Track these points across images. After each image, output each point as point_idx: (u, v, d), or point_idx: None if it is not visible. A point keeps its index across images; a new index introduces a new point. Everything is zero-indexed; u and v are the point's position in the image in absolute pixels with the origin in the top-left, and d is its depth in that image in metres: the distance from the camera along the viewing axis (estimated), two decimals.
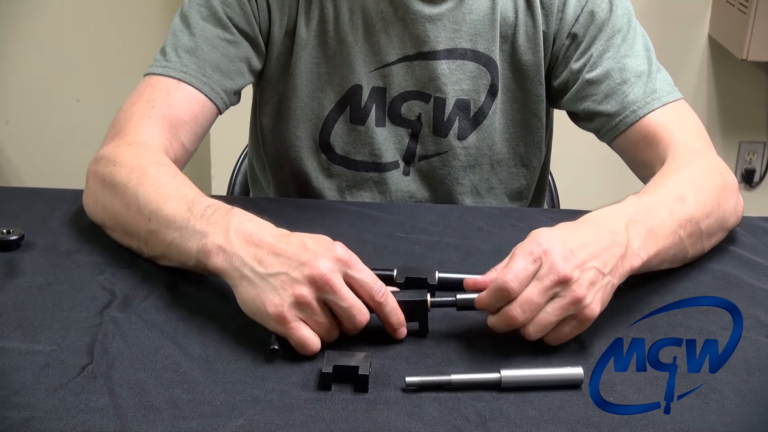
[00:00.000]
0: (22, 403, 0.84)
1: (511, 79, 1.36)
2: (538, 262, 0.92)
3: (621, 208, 1.02)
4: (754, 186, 3.00)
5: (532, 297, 0.92)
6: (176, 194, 1.05)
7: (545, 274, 0.92)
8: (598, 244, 0.96)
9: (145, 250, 1.08)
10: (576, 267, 0.92)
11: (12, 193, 1.33)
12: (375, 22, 1.32)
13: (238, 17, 1.29)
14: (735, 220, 1.20)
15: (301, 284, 0.91)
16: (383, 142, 1.37)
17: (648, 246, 1.00)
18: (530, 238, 0.95)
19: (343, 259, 0.92)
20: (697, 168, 1.17)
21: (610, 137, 1.31)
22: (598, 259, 0.94)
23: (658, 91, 1.29)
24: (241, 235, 0.96)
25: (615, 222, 0.99)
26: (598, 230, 0.97)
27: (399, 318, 0.95)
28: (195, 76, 1.26)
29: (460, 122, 1.36)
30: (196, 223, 0.99)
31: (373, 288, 0.93)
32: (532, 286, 0.92)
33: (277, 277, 0.92)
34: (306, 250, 0.92)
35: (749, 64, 2.72)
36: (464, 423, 0.84)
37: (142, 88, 1.26)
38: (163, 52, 1.28)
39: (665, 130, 1.26)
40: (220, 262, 0.96)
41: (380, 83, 1.34)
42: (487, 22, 1.33)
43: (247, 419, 0.83)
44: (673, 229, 1.05)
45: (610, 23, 1.31)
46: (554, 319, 0.92)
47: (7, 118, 2.95)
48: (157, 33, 1.28)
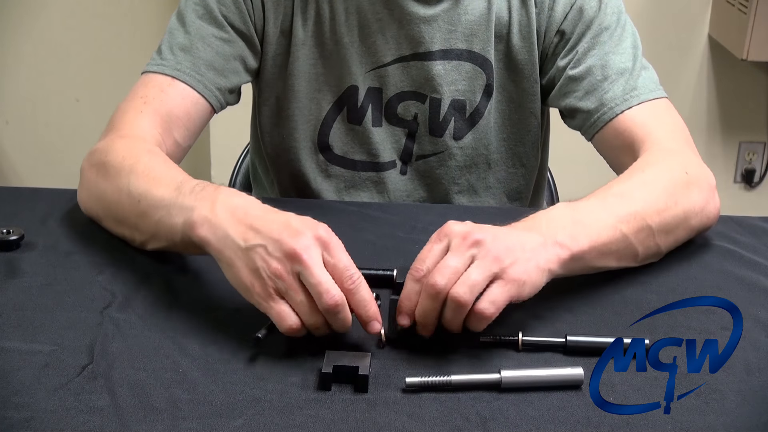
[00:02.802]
0: (22, 403, 0.84)
1: (506, 79, 1.36)
2: (445, 239, 0.93)
3: (543, 213, 1.03)
4: (754, 186, 3.00)
5: (447, 261, 0.91)
6: (166, 178, 1.06)
7: (456, 243, 0.92)
8: (513, 236, 0.96)
9: (136, 235, 1.09)
10: (487, 233, 0.93)
11: (12, 193, 1.33)
12: (371, 23, 1.32)
13: (234, 16, 1.30)
14: (701, 221, 1.15)
15: (276, 259, 0.90)
16: (380, 142, 1.37)
17: (578, 237, 1.00)
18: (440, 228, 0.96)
19: (322, 239, 0.91)
20: (657, 166, 1.15)
21: (590, 135, 1.30)
22: (515, 243, 0.94)
23: (638, 88, 1.27)
24: (228, 209, 0.96)
25: (533, 224, 1.00)
26: (515, 228, 0.98)
27: (368, 311, 0.92)
28: (188, 73, 1.26)
29: (456, 122, 1.36)
30: (184, 200, 1.00)
31: (344, 273, 0.91)
32: (447, 256, 0.92)
33: (255, 251, 0.91)
34: (287, 227, 0.92)
35: (749, 64, 2.72)
36: (464, 423, 0.84)
37: (138, 86, 1.28)
38: (159, 50, 1.29)
39: (641, 128, 1.24)
40: (205, 232, 0.96)
41: (376, 84, 1.35)
42: (483, 23, 1.33)
43: (247, 419, 0.83)
44: (611, 223, 1.04)
45: (598, 20, 1.30)
46: (481, 279, 0.90)
47: (7, 118, 2.95)
48: (157, 33, 1.28)
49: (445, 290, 0.90)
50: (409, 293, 0.93)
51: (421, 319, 0.93)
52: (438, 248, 0.93)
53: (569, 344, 0.94)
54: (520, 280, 0.92)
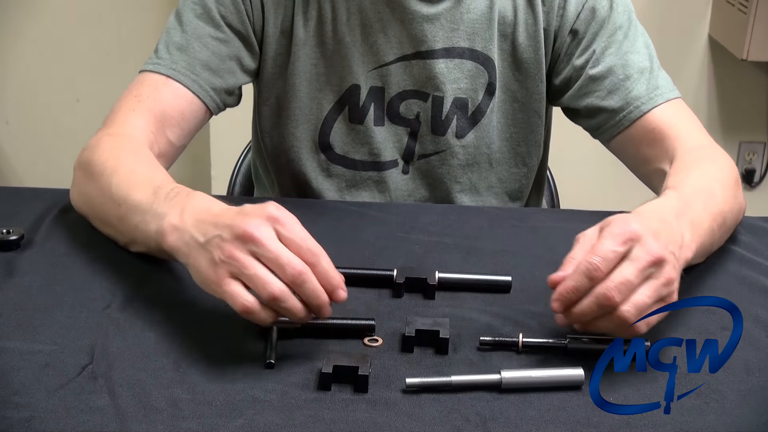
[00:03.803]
0: (22, 403, 0.84)
1: (511, 78, 1.36)
2: (629, 243, 0.89)
3: (667, 201, 1.02)
4: (754, 186, 3.00)
5: (627, 276, 0.87)
6: (145, 181, 1.07)
7: (640, 255, 0.88)
8: (667, 231, 0.94)
9: (119, 237, 1.10)
10: (665, 248, 0.90)
11: (12, 193, 1.33)
12: (372, 22, 1.32)
13: (232, 16, 1.30)
14: (741, 216, 1.21)
15: (229, 242, 0.89)
16: (382, 141, 1.37)
17: (695, 238, 1.00)
18: (615, 222, 0.91)
19: (272, 216, 0.90)
20: (716, 162, 1.18)
21: (611, 134, 1.31)
22: (673, 244, 0.93)
23: (660, 87, 1.29)
24: (194, 213, 0.96)
25: (667, 214, 0.98)
26: (660, 220, 0.96)
27: (332, 281, 0.90)
28: (183, 73, 1.27)
29: (458, 121, 1.36)
30: (159, 206, 1.01)
31: (302, 246, 0.89)
32: (626, 266, 0.88)
33: (212, 242, 0.91)
34: (239, 213, 0.92)
35: (749, 64, 2.72)
36: (464, 423, 0.84)
37: (133, 85, 1.28)
38: (156, 49, 1.30)
39: (670, 125, 1.26)
40: (172, 240, 0.97)
41: (378, 83, 1.35)
42: (485, 21, 1.33)
43: (247, 419, 0.83)
44: (708, 223, 1.05)
45: (611, 20, 1.32)
46: (650, 302, 0.88)
47: (7, 118, 2.95)
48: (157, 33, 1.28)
49: (617, 306, 0.87)
50: (578, 287, 0.89)
51: (577, 317, 0.90)
52: (619, 251, 0.89)
53: (570, 345, 0.94)
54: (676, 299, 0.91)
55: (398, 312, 1.02)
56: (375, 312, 1.01)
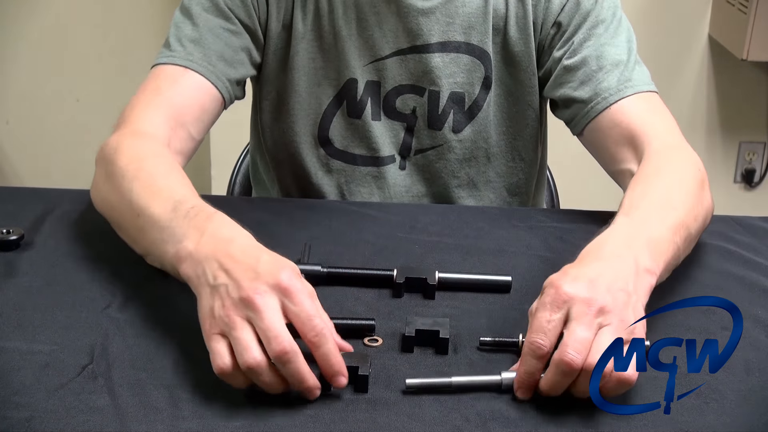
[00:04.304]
0: (22, 403, 0.84)
1: (504, 72, 1.36)
2: (564, 306, 0.87)
3: (615, 232, 0.99)
4: (754, 186, 3.00)
5: (578, 335, 0.85)
6: (165, 192, 1.03)
7: (580, 311, 0.86)
8: (611, 270, 0.91)
9: (135, 247, 1.08)
10: (606, 293, 0.88)
11: (12, 193, 1.33)
12: (368, 16, 1.32)
13: (238, 9, 1.30)
14: (709, 218, 1.16)
15: (230, 301, 0.87)
16: (379, 136, 1.37)
17: (656, 260, 0.97)
18: (546, 290, 0.89)
19: (282, 286, 0.86)
20: (679, 166, 1.15)
21: (582, 125, 1.29)
22: (619, 282, 0.90)
23: (633, 80, 1.27)
24: (212, 243, 0.93)
25: (615, 247, 0.95)
26: (604, 259, 0.94)
27: (332, 366, 0.86)
28: (201, 64, 1.26)
29: (455, 115, 1.36)
30: (177, 225, 0.97)
31: (307, 324, 0.85)
32: (573, 327, 0.86)
33: (218, 290, 0.88)
34: (251, 270, 0.88)
35: (749, 64, 2.72)
36: (464, 423, 0.84)
37: (149, 79, 1.26)
38: (167, 43, 1.29)
39: (638, 120, 1.24)
40: (186, 269, 0.94)
41: (374, 77, 1.35)
42: (480, 15, 1.33)
43: (247, 419, 0.83)
44: (670, 238, 1.02)
45: (594, 13, 1.31)
46: None
47: (7, 118, 2.95)
48: (158, 33, 1.28)
49: (580, 367, 0.84)
50: (532, 370, 0.87)
51: (548, 391, 0.87)
52: (557, 318, 0.87)
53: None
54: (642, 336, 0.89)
55: (398, 312, 1.02)
56: (375, 312, 1.01)
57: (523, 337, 0.94)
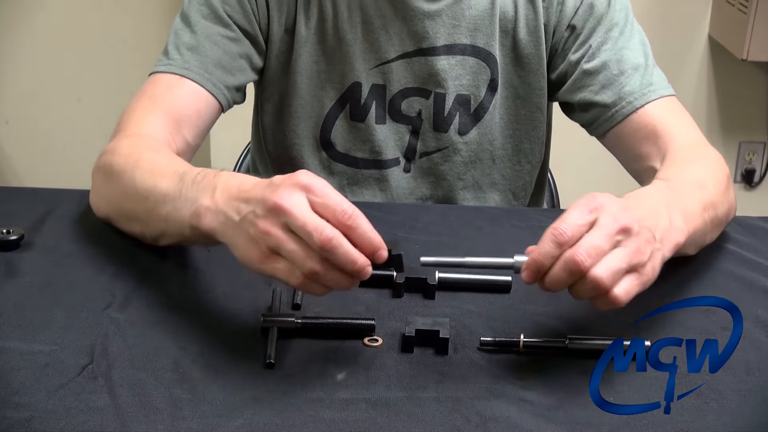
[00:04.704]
0: (22, 403, 0.84)
1: (513, 74, 1.36)
2: (595, 213, 0.88)
3: (655, 189, 1.03)
4: (754, 186, 3.00)
5: (595, 241, 0.86)
6: (169, 170, 1.05)
7: (606, 222, 0.87)
8: (647, 211, 0.93)
9: (147, 232, 1.08)
10: (635, 221, 0.89)
11: (12, 193, 1.33)
12: (373, 19, 1.32)
13: (238, 15, 1.30)
14: (733, 214, 1.21)
15: (263, 218, 0.88)
16: (383, 139, 1.37)
17: (687, 224, 0.99)
18: (584, 197, 0.90)
19: (303, 184, 0.87)
20: (708, 160, 1.19)
21: (604, 128, 1.31)
22: (650, 221, 0.92)
23: (654, 83, 1.30)
24: (226, 192, 0.94)
25: (653, 201, 0.98)
26: (644, 203, 0.96)
27: (372, 242, 0.88)
28: (197, 72, 1.26)
29: (461, 117, 1.36)
30: (188, 192, 0.99)
31: (337, 209, 0.86)
32: (594, 232, 0.86)
33: (246, 219, 0.89)
34: (269, 187, 0.90)
35: (749, 64, 2.72)
36: (464, 423, 0.84)
37: (146, 86, 1.27)
38: (166, 51, 1.29)
39: (663, 122, 1.27)
40: (209, 222, 0.95)
41: (380, 80, 1.35)
42: (487, 17, 1.33)
43: (247, 419, 0.83)
44: (699, 212, 1.05)
45: (608, 16, 1.32)
46: (623, 266, 0.86)
47: (7, 118, 2.95)
48: (158, 33, 1.28)
49: (587, 270, 0.85)
50: (546, 255, 0.87)
51: (549, 286, 0.88)
52: (586, 219, 0.87)
53: (570, 345, 0.94)
54: (651, 277, 0.90)
55: (398, 312, 1.02)
56: (375, 312, 1.01)
57: (524, 337, 0.95)
